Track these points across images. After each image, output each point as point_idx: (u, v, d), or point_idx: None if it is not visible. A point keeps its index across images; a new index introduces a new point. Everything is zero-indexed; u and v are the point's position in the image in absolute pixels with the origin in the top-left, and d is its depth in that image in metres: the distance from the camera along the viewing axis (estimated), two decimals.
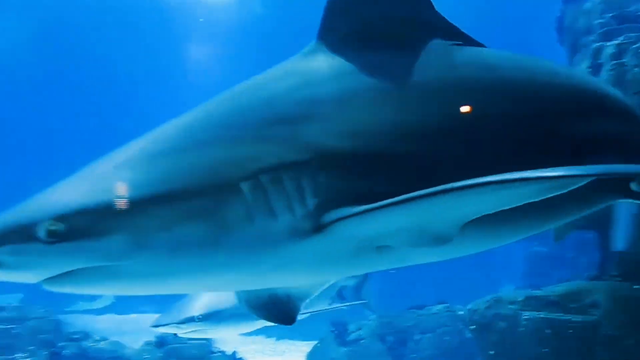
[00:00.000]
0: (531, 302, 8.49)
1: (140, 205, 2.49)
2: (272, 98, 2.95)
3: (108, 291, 2.86)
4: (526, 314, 8.39)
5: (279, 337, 18.86)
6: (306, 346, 15.40)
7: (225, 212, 2.55)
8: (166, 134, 2.86)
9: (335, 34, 3.21)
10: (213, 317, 7.88)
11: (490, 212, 2.68)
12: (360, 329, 13.75)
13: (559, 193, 2.57)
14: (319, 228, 2.66)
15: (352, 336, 13.73)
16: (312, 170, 2.67)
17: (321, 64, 3.12)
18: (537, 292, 8.70)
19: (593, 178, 2.57)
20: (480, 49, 3.42)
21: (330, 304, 10.03)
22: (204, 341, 10.87)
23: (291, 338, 18.37)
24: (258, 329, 9.87)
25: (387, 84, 3.04)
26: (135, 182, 2.55)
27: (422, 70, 3.12)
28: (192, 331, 8.05)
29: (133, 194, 2.50)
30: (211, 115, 2.95)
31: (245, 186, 2.58)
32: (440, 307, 13.60)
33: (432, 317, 13.37)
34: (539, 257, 17.52)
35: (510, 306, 8.73)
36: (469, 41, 3.40)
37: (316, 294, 3.75)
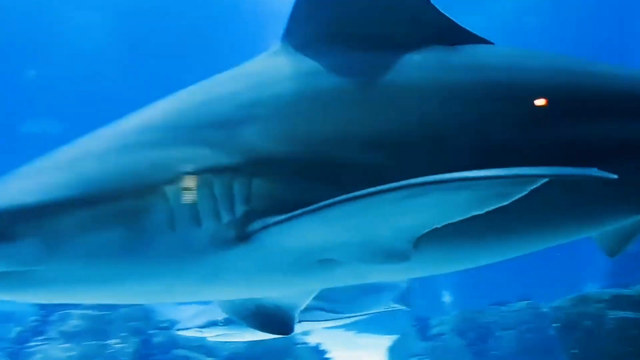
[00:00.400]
0: (617, 301, 8.36)
1: (54, 208, 2.38)
2: (216, 100, 2.80)
3: (25, 298, 2.65)
4: (612, 313, 8.27)
5: (359, 331, 18.92)
6: (386, 340, 15.48)
7: (146, 218, 2.41)
8: (103, 134, 2.76)
9: (301, 35, 3.01)
10: (237, 321, 7.58)
11: (438, 225, 2.48)
12: (441, 324, 13.76)
13: (504, 203, 2.36)
14: (244, 237, 2.49)
15: (433, 331, 13.76)
16: (245, 175, 2.52)
17: (278, 66, 2.94)
18: (624, 291, 8.57)
19: (540, 181, 2.31)
20: (473, 47, 3.09)
21: (386, 307, 9.93)
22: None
23: (371, 332, 18.42)
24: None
25: (344, 88, 2.82)
26: (52, 184, 2.45)
27: (390, 71, 2.89)
28: (217, 335, 7.88)
29: (47, 197, 2.40)
30: (151, 117, 2.81)
31: (169, 190, 2.44)
32: (522, 303, 13.46)
33: (514, 313, 13.24)
34: (626, 256, 17.08)
35: (595, 305, 8.62)
36: (470, 39, 3.11)
37: (304, 304, 3.56)
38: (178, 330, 8.23)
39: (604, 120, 3.05)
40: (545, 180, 2.30)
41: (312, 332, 11.91)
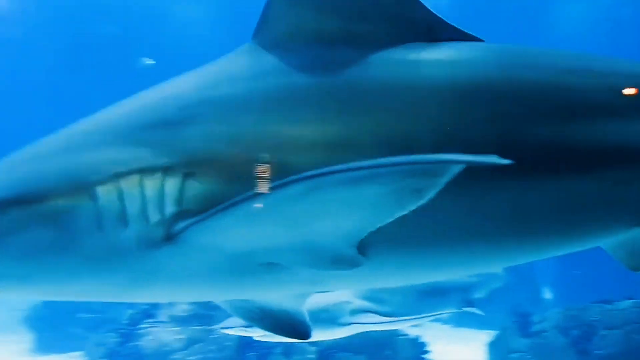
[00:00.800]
0: None
1: None
2: (162, 100, 2.78)
3: None
4: None
5: (457, 325, 18.83)
6: (485, 335, 15.36)
7: (75, 217, 2.43)
8: (55, 136, 2.81)
9: (271, 33, 2.89)
10: None
11: (371, 228, 2.39)
12: (543, 320, 13.55)
13: (421, 201, 2.23)
14: (169, 238, 2.46)
15: (535, 327, 13.56)
16: (178, 176, 2.47)
17: (237, 65, 2.87)
18: None
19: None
20: (454, 44, 2.91)
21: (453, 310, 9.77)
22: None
23: (469, 326, 18.30)
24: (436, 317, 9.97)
25: (301, 87, 2.71)
26: None
27: (353, 69, 2.76)
28: (264, 335, 7.65)
29: None
30: (101, 118, 2.83)
31: (98, 191, 2.44)
32: (628, 302, 13.09)
33: (620, 312, 12.87)
34: None
35: None
36: (459, 36, 2.94)
37: (303, 307, 3.46)
38: (223, 328, 8.12)
39: (599, 123, 2.78)
40: (458, 170, 2.14)
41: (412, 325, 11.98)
